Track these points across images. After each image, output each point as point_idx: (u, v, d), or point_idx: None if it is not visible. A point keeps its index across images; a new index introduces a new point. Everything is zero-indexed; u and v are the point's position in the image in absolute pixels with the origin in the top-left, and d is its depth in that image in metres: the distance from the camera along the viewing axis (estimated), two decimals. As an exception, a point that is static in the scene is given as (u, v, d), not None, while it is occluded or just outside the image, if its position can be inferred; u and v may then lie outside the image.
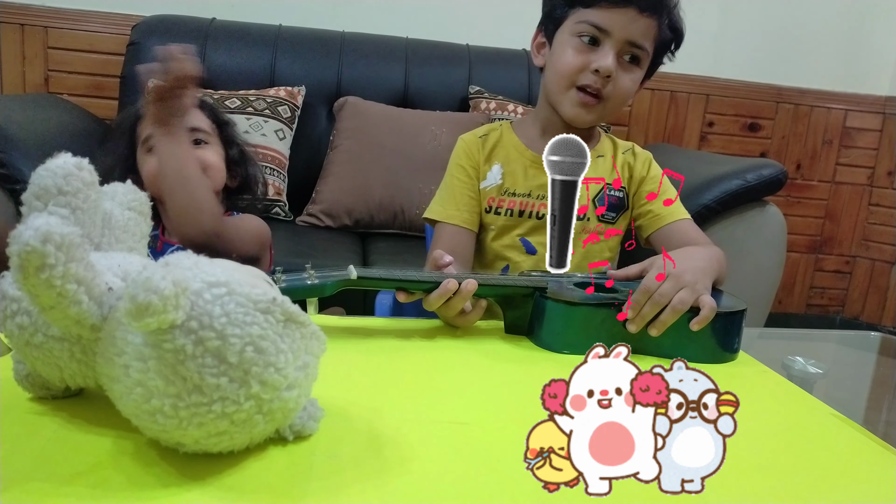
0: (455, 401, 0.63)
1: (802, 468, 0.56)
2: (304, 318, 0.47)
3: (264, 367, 0.44)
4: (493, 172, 1.06)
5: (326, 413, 0.53)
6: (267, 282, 0.48)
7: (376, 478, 0.47)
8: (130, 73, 2.08)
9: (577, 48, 0.98)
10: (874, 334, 1.11)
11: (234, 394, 0.43)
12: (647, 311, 0.76)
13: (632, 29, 0.96)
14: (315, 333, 0.48)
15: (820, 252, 2.85)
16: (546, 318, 0.78)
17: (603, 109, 1.00)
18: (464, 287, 0.76)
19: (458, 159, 1.08)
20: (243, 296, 0.44)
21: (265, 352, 0.44)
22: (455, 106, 2.23)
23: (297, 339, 0.47)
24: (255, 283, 0.46)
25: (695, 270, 0.79)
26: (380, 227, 2.02)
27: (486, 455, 0.52)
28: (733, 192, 1.72)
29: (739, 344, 0.81)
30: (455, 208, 1.06)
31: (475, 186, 1.07)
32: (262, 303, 0.44)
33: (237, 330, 0.43)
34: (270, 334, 0.44)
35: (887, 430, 0.68)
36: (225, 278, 0.44)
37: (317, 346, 0.49)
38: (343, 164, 2.03)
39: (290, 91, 2.09)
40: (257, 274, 0.49)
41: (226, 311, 0.43)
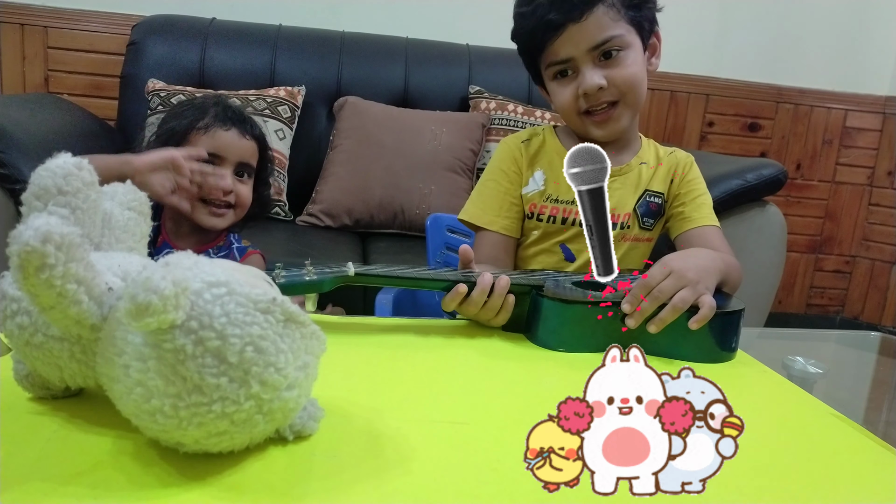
0: (455, 401, 0.63)
1: (802, 468, 0.56)
2: (305, 318, 0.47)
3: (264, 367, 0.44)
4: (536, 178, 1.05)
5: (326, 413, 0.53)
6: (267, 282, 0.48)
7: (376, 478, 0.47)
8: (130, 72, 2.09)
9: (561, 85, 1.00)
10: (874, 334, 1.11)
11: (235, 394, 0.43)
12: (646, 307, 0.75)
13: (587, 37, 0.95)
14: (315, 333, 0.48)
15: (820, 252, 2.85)
16: (542, 316, 0.78)
17: (622, 111, 1.00)
18: (497, 284, 0.77)
19: (500, 163, 1.07)
20: (243, 296, 0.44)
21: (265, 352, 0.44)
22: (455, 106, 2.23)
23: (297, 339, 0.47)
24: (255, 283, 0.46)
25: (698, 269, 0.78)
26: (380, 227, 2.02)
27: (486, 455, 0.52)
28: (733, 192, 1.72)
29: (737, 344, 0.81)
30: (496, 214, 1.05)
31: (517, 192, 1.06)
32: (262, 303, 0.44)
33: (237, 330, 0.43)
34: (270, 334, 0.44)
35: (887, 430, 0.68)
36: (225, 278, 0.44)
37: (317, 346, 0.49)
38: (343, 164, 2.03)
39: (290, 91, 2.10)
40: (257, 274, 0.49)
41: (226, 311, 0.43)
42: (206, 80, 2.11)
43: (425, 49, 2.28)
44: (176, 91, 1.98)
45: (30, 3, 2.24)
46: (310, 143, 2.14)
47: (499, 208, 1.05)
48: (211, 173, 1.09)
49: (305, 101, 2.12)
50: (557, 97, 1.01)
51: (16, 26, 2.24)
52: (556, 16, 0.95)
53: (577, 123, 1.03)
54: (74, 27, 2.27)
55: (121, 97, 2.12)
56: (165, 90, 1.98)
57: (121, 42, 2.20)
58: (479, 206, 1.07)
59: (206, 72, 2.12)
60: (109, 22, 2.28)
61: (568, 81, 0.99)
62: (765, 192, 1.77)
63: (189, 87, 2.02)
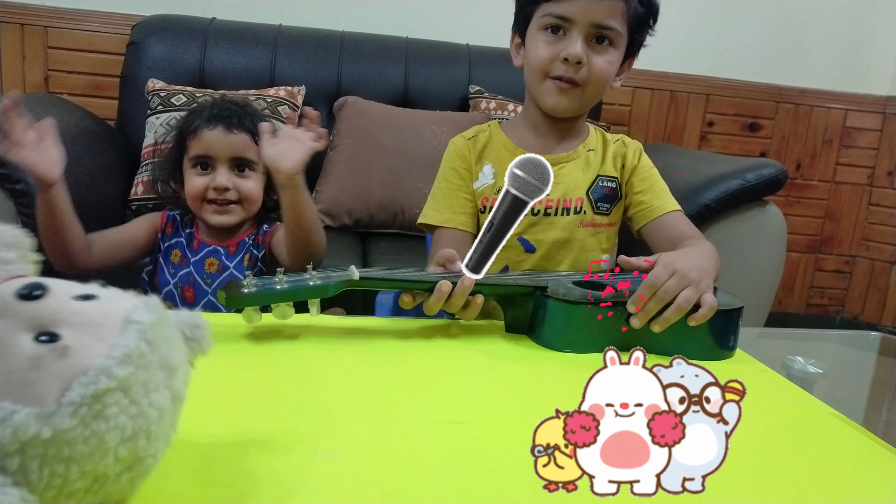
0: (455, 401, 0.63)
1: (802, 468, 0.56)
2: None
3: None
4: (486, 172, 1.07)
5: (326, 413, 0.53)
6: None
7: (376, 478, 0.47)
8: (130, 72, 2.08)
9: (546, 40, 0.99)
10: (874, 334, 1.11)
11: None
12: (651, 307, 0.76)
13: (595, 12, 0.96)
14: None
15: (820, 252, 2.85)
16: (547, 316, 0.79)
17: (582, 95, 1.00)
18: (459, 285, 0.76)
19: (450, 163, 1.09)
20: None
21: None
22: (455, 106, 2.23)
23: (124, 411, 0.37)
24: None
25: (699, 269, 0.79)
26: (380, 226, 2.02)
27: (486, 455, 0.52)
28: (733, 192, 1.72)
29: (736, 342, 0.81)
30: (452, 212, 1.06)
31: (469, 188, 1.07)
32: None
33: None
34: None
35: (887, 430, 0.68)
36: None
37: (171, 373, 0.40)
38: (343, 164, 2.03)
39: (290, 91, 2.09)
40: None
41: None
42: (206, 80, 2.11)
43: (425, 49, 2.28)
44: (176, 91, 1.98)
45: (30, 3, 2.24)
46: (310, 143, 2.14)
47: (453, 206, 1.06)
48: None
49: (305, 101, 2.12)
50: (536, 49, 1.00)
51: (16, 26, 2.24)
52: None
53: (536, 84, 1.02)
54: (74, 27, 2.27)
55: (121, 97, 2.12)
56: (165, 90, 1.98)
57: (121, 42, 2.19)
58: (434, 208, 1.08)
59: (206, 72, 2.12)
60: (109, 22, 2.28)
61: (554, 40, 0.98)
62: (765, 192, 1.76)
63: (189, 87, 2.02)
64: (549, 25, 0.99)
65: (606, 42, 0.99)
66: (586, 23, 0.97)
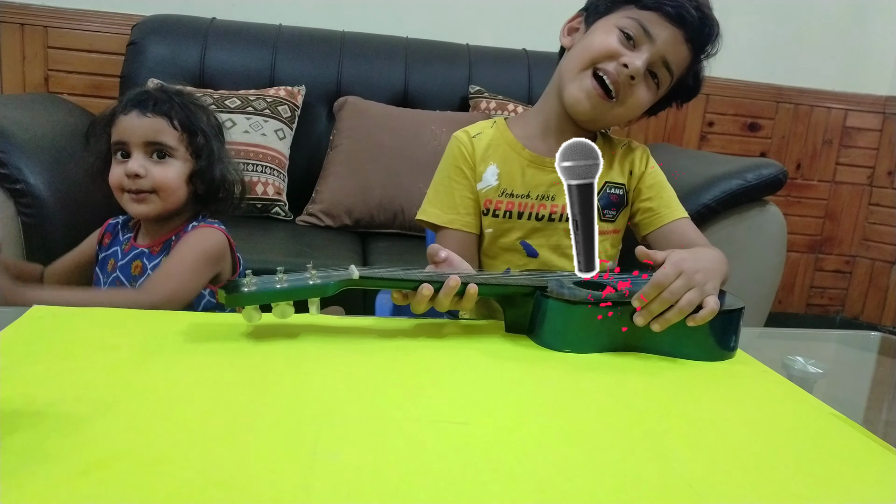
0: (455, 401, 0.63)
1: (802, 468, 0.56)
2: None
3: None
4: (490, 173, 1.04)
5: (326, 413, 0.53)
6: None
7: (376, 478, 0.47)
8: (130, 72, 2.08)
9: (618, 37, 0.97)
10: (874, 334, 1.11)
11: None
12: (655, 308, 0.76)
13: (673, 48, 0.96)
14: None
15: (820, 252, 2.85)
16: (547, 317, 0.79)
17: (605, 111, 0.98)
18: (445, 286, 0.76)
19: (453, 160, 1.06)
20: None
21: None
22: (455, 106, 2.23)
23: None
24: None
25: (706, 272, 0.79)
26: (380, 227, 2.02)
27: (486, 455, 0.52)
28: (733, 191, 1.72)
29: (737, 342, 0.81)
30: (455, 212, 1.04)
31: (473, 187, 1.04)
32: None
33: None
34: None
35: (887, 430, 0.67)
36: None
37: None
38: (343, 164, 2.03)
39: (290, 91, 2.10)
40: None
41: None
42: (206, 79, 2.11)
43: (425, 49, 2.28)
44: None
45: (30, 3, 2.24)
46: (309, 143, 2.14)
47: (457, 206, 1.04)
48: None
49: (305, 100, 2.12)
50: (602, 38, 0.97)
51: (16, 26, 2.24)
52: (681, 13, 0.95)
53: (574, 71, 0.99)
54: (74, 27, 2.27)
55: (121, 97, 2.12)
56: (165, 90, 1.98)
57: (121, 42, 2.20)
58: (437, 206, 1.05)
59: (206, 72, 2.12)
60: (109, 22, 2.28)
61: (624, 44, 0.96)
62: (765, 191, 1.77)
63: (189, 87, 2.02)
64: (629, 29, 0.96)
65: (657, 80, 0.98)
66: (661, 51, 0.96)
